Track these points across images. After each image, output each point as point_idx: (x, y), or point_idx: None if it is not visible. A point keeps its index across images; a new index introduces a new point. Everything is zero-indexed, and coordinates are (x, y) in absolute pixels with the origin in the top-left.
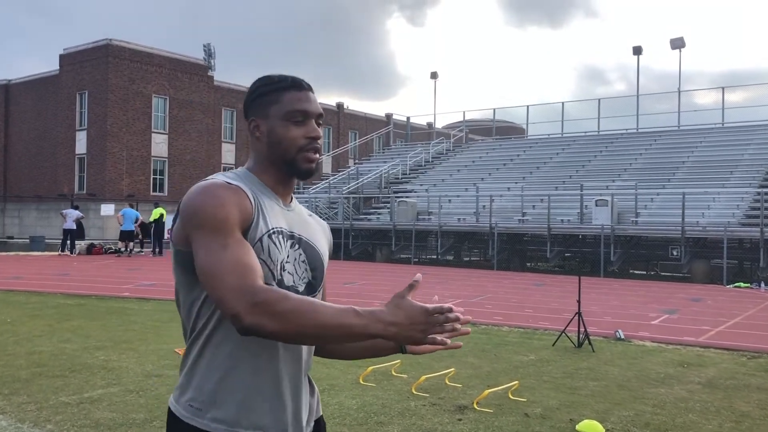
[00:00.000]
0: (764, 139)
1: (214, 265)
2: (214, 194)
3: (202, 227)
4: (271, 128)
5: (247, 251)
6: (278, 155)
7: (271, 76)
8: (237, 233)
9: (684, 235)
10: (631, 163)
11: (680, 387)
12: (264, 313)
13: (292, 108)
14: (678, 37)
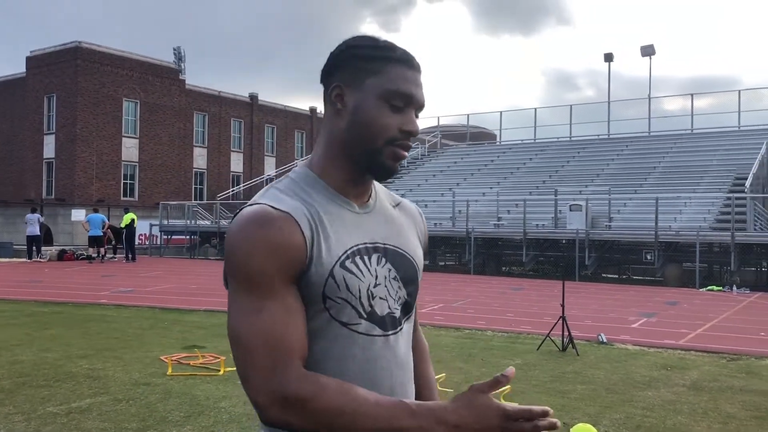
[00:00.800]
0: (733, 145)
1: (242, 334)
2: (250, 236)
3: (236, 277)
4: (360, 103)
5: (286, 319)
6: (360, 140)
7: (375, 37)
8: (278, 290)
9: (657, 240)
10: (603, 168)
11: (666, 389)
12: (293, 412)
13: (396, 87)
14: (648, 45)
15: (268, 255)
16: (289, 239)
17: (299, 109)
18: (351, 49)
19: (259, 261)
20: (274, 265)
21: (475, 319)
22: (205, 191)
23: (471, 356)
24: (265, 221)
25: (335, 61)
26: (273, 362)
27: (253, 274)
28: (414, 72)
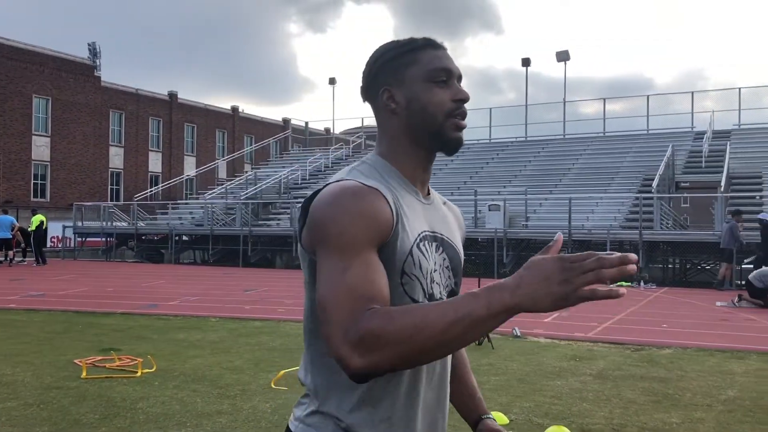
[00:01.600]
0: (642, 148)
1: (328, 295)
2: (344, 207)
3: (326, 245)
4: (411, 94)
5: (372, 272)
6: (422, 126)
7: (396, 39)
8: (366, 253)
9: (571, 238)
10: (521, 169)
11: (574, 379)
12: (370, 349)
13: (434, 66)
14: (563, 50)
15: (362, 224)
16: (380, 211)
17: (221, 108)
18: (381, 58)
19: (353, 229)
20: (367, 233)
21: None
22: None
23: None
24: (358, 193)
25: (372, 72)
26: (352, 312)
27: (346, 241)
28: (441, 50)
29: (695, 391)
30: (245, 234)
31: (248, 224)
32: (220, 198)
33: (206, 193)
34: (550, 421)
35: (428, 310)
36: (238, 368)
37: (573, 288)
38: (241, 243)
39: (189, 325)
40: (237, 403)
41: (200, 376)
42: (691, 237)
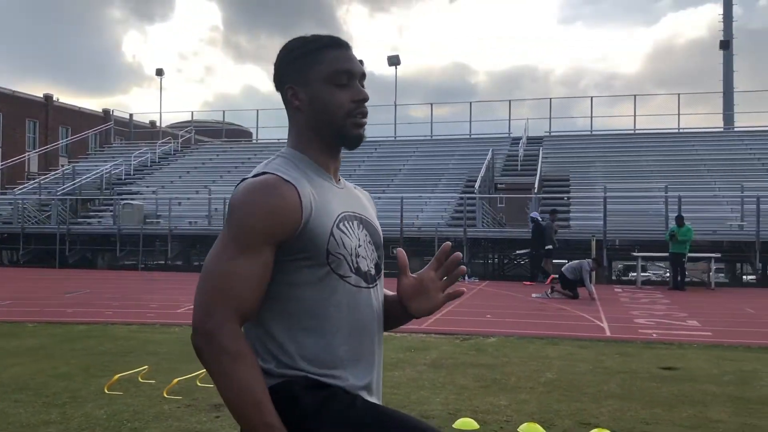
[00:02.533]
0: (466, 151)
1: (212, 269)
2: (255, 198)
3: (229, 229)
4: (313, 94)
5: (248, 276)
6: (324, 124)
7: (303, 36)
8: (260, 252)
9: (402, 235)
10: (355, 169)
11: (411, 369)
12: (211, 349)
13: (335, 68)
14: (394, 55)
15: (264, 221)
16: (286, 208)
17: (32, 95)
18: (287, 54)
19: (255, 221)
20: (265, 230)
21: None
22: None
23: None
24: (269, 188)
25: (280, 69)
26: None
27: (245, 229)
28: (344, 50)
29: (519, 375)
30: (62, 233)
31: (66, 222)
32: (32, 193)
33: (15, 188)
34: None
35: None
36: (66, 375)
37: None
38: (58, 242)
39: (2, 332)
40: (67, 411)
41: (22, 385)
42: (509, 234)
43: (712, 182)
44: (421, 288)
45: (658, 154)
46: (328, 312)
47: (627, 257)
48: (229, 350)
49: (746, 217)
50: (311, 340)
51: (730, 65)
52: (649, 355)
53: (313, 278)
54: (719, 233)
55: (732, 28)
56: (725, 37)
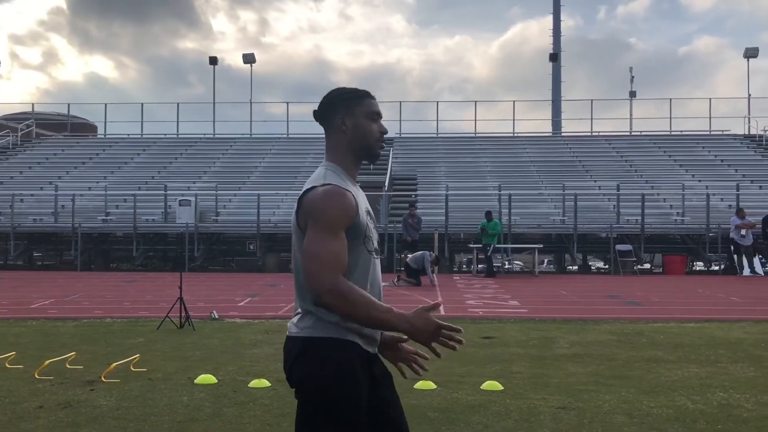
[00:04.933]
0: (321, 150)
1: (318, 250)
2: (334, 201)
3: (319, 222)
4: (356, 123)
5: (343, 249)
6: (360, 143)
7: (347, 87)
8: (341, 234)
9: (259, 232)
10: (210, 166)
11: (269, 347)
12: (338, 298)
13: (372, 110)
14: (249, 53)
15: (341, 215)
16: (350, 206)
17: None
18: (341, 95)
19: (338, 215)
20: (342, 221)
21: (92, 309)
22: None
23: (95, 340)
24: (341, 194)
25: (333, 103)
26: (333, 269)
27: (333, 222)
28: (374, 100)
29: None
30: None
31: None
32: None
33: None
34: (251, 377)
35: (372, 301)
36: None
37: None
38: None
39: None
40: None
41: None
42: None
43: (539, 182)
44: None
45: (494, 156)
46: (363, 270)
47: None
48: (349, 294)
49: (567, 213)
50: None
51: (559, 76)
52: (474, 328)
53: (356, 251)
54: (544, 227)
55: (560, 41)
56: (554, 49)
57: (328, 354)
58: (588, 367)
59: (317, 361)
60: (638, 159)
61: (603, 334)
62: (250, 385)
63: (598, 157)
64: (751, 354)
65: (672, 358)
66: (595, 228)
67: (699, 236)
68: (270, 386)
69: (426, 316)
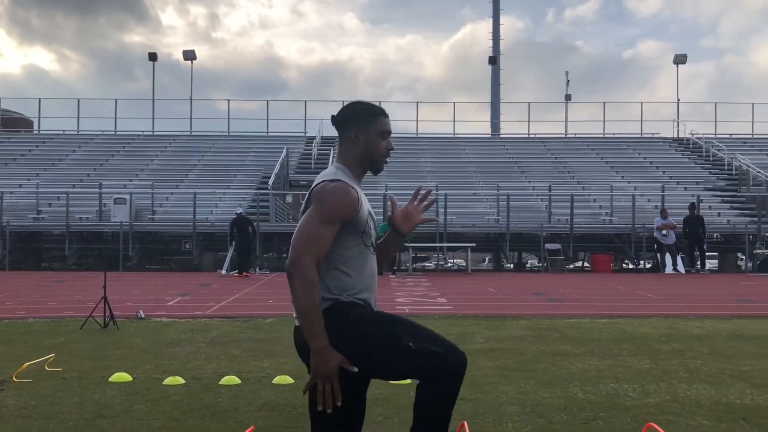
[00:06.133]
0: (262, 148)
1: (308, 229)
2: (339, 195)
3: (320, 209)
4: (368, 139)
5: (328, 238)
6: (369, 157)
7: (365, 102)
8: (334, 225)
9: (195, 231)
10: (147, 163)
11: (190, 345)
12: (299, 274)
13: (384, 129)
14: (190, 50)
15: (342, 208)
16: (353, 203)
17: None
18: (359, 112)
19: (337, 209)
20: (340, 213)
21: (15, 310)
22: None
23: (13, 340)
24: (347, 191)
25: (350, 116)
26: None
27: (331, 213)
28: (387, 118)
29: (286, 345)
30: None
31: None
32: None
33: None
34: (167, 375)
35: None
36: None
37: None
38: None
39: None
40: None
41: None
42: None
43: (476, 182)
44: (407, 215)
45: (434, 156)
46: (358, 263)
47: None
48: (311, 280)
49: (501, 212)
50: (350, 278)
51: (498, 78)
52: None
53: (352, 244)
54: (479, 226)
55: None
56: (494, 53)
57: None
58: (497, 361)
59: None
60: (571, 160)
61: (519, 330)
62: (164, 382)
63: (534, 159)
64: (651, 347)
65: (578, 351)
66: (527, 227)
67: (626, 235)
68: (184, 383)
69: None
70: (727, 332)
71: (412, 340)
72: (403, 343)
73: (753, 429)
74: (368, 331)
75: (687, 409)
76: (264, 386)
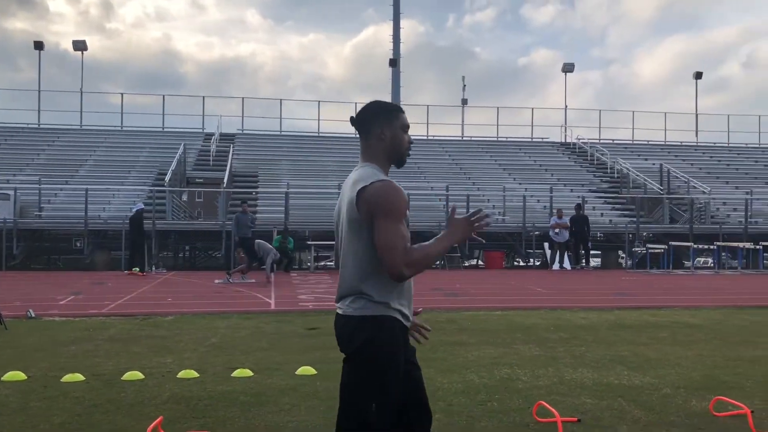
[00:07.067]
0: (157, 144)
1: (394, 239)
2: (398, 194)
3: (388, 213)
4: (393, 134)
5: (407, 231)
6: (395, 151)
7: (382, 101)
8: (403, 220)
9: (87, 228)
10: (33, 158)
11: (88, 344)
12: (412, 268)
13: (406, 123)
14: (80, 40)
15: (404, 204)
16: (406, 198)
17: None
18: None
19: (403, 207)
20: (405, 209)
21: None
22: None
23: None
24: (400, 189)
25: (375, 113)
26: (404, 249)
27: (401, 213)
28: (405, 114)
29: (187, 341)
30: None
31: None
32: None
33: None
34: (65, 372)
35: (427, 248)
36: None
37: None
38: None
39: None
40: None
41: None
42: (199, 227)
43: None
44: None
45: (338, 155)
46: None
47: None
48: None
49: None
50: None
51: (398, 80)
52: (301, 320)
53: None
54: None
55: (400, 47)
56: (394, 55)
57: (380, 327)
58: None
59: (374, 332)
60: (467, 162)
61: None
62: (62, 379)
63: (432, 160)
64: (540, 336)
65: (474, 341)
66: (426, 226)
67: (517, 234)
68: (84, 380)
69: (456, 221)
70: (609, 322)
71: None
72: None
73: (629, 404)
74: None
75: (572, 390)
76: (168, 380)
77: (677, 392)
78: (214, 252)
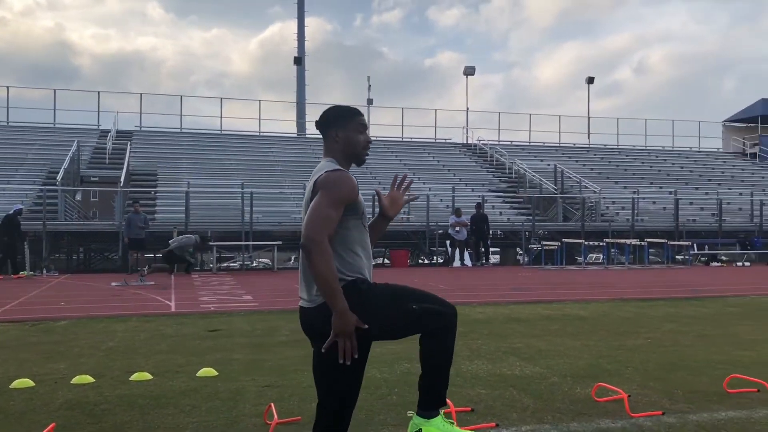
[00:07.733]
0: (48, 141)
1: (318, 210)
2: (344, 182)
3: (328, 193)
4: (347, 135)
5: (335, 218)
6: (351, 151)
7: (341, 105)
8: (340, 208)
9: None
10: None
11: None
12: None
13: (361, 124)
14: None
15: (347, 193)
16: (355, 189)
17: None
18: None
19: (345, 194)
20: (345, 197)
21: None
22: None
23: None
24: (350, 178)
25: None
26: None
27: (338, 197)
28: (363, 116)
29: (83, 346)
30: None
31: None
32: None
33: None
34: None
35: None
36: None
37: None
38: None
39: None
40: None
41: None
42: (93, 227)
43: (283, 181)
44: (392, 200)
45: (240, 154)
46: (360, 238)
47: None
48: (329, 252)
49: None
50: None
51: (303, 79)
52: (202, 322)
53: (353, 224)
54: (285, 224)
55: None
56: (299, 53)
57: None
58: (302, 351)
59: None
60: (374, 162)
61: None
62: None
63: None
64: None
65: None
66: None
67: (421, 232)
68: None
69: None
70: (504, 316)
71: (414, 303)
72: (407, 308)
73: (520, 393)
74: (378, 302)
75: (468, 381)
76: (61, 387)
77: (564, 380)
78: (110, 254)
